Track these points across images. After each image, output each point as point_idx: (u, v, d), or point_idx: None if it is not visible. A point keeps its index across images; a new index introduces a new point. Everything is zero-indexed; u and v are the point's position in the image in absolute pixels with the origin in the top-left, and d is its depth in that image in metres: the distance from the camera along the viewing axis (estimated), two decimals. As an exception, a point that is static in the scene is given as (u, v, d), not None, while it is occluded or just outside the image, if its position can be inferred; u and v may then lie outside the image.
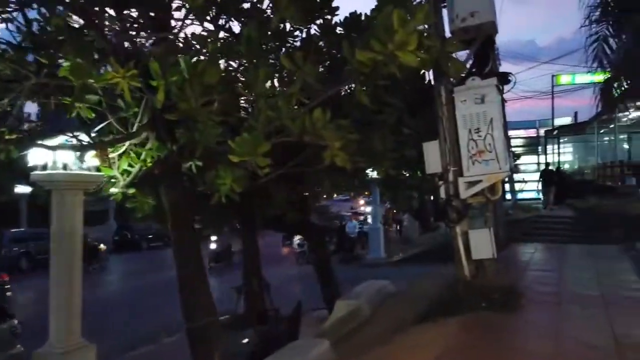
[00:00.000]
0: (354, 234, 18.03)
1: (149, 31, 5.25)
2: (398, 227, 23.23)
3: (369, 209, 24.89)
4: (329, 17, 5.63)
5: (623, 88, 16.53)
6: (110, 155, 5.29)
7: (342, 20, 5.49)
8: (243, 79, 4.74)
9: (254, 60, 4.49)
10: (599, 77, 28.33)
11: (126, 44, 4.94)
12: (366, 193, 22.84)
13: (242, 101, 5.35)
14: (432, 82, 5.58)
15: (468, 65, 5.06)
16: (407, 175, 8.51)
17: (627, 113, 19.62)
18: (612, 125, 23.89)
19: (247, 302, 8.52)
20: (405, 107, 5.97)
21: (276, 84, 5.39)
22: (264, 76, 4.15)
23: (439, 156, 5.07)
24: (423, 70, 5.72)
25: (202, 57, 4.48)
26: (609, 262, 6.57)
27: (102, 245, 20.88)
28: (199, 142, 4.35)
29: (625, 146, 25.93)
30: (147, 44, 5.26)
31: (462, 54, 5.15)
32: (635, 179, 14.68)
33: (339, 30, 5.49)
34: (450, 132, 5.01)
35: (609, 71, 8.52)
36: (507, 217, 15.04)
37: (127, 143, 5.23)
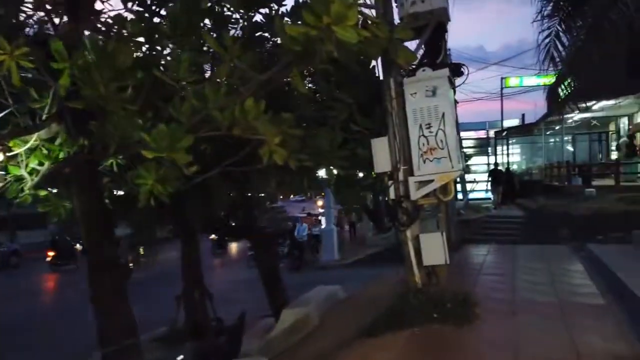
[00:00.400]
0: (303, 238, 17.43)
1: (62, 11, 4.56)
2: (352, 228, 22.95)
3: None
4: (274, 6, 5.19)
5: (570, 89, 16.98)
6: (17, 151, 4.55)
7: (289, 10, 5.06)
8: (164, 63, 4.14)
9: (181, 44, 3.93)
10: (546, 80, 29.32)
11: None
12: (323, 194, 22.49)
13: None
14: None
15: (419, 56, 4.68)
16: (361, 175, 8.16)
17: (572, 115, 20.23)
18: (557, 127, 24.66)
19: (187, 313, 7.86)
20: (356, 104, 5.56)
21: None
22: (187, 59, 3.58)
23: (388, 154, 4.67)
24: (373, 64, 5.35)
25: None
26: (561, 264, 6.42)
27: (78, 245, 20.82)
28: (113, 136, 3.73)
29: (570, 148, 26.91)
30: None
31: (412, 45, 4.79)
32: (582, 179, 15.00)
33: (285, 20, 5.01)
34: (400, 128, 4.61)
35: (559, 69, 8.44)
36: (458, 218, 15.04)
37: (34, 137, 4.51)
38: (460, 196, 20.59)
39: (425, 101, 4.39)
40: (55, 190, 5.33)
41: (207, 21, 4.82)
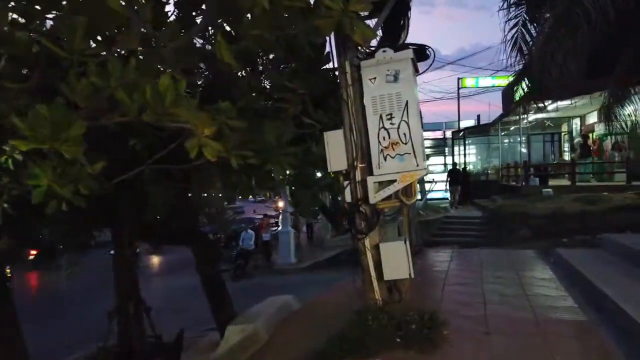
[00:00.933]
0: (250, 246, 16.32)
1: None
2: (309, 230, 22.25)
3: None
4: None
5: (527, 89, 17.03)
6: None
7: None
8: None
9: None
10: (501, 82, 29.69)
11: None
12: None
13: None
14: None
15: (378, 36, 4.03)
16: (319, 175, 7.48)
17: (527, 115, 20.41)
18: (512, 128, 24.95)
19: (120, 331, 6.93)
20: (310, 95, 4.88)
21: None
22: (84, 22, 2.77)
23: (343, 150, 3.99)
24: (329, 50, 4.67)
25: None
26: (531, 271, 5.98)
27: None
28: (-13, 123, 2.86)
29: (524, 150, 27.36)
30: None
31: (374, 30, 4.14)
32: (539, 179, 14.96)
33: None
34: (357, 120, 3.95)
35: (522, 67, 8.09)
36: (418, 219, 14.68)
37: None
38: (418, 196, 20.32)
39: (385, 87, 3.75)
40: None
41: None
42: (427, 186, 22.22)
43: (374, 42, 3.97)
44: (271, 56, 5.21)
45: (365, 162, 3.96)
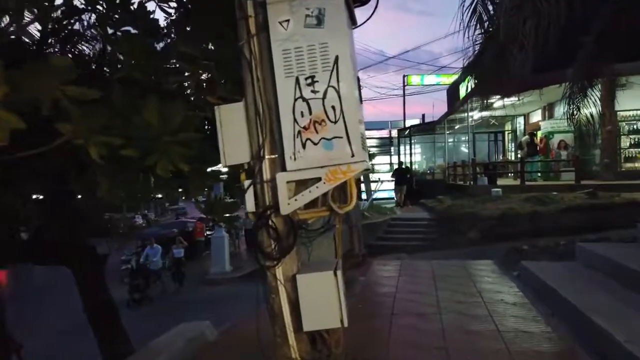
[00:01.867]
0: (157, 264, 13.97)
1: None
2: (247, 234, 20.62)
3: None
4: None
5: (473, 85, 16.44)
6: None
7: None
8: None
9: None
10: (445, 79, 29.44)
11: None
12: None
13: None
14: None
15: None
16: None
17: (472, 114, 19.96)
18: (458, 126, 24.60)
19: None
20: (214, 62, 3.50)
21: None
22: None
23: (244, 133, 2.63)
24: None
25: None
26: (497, 293, 4.85)
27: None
28: None
29: (465, 149, 27.19)
30: None
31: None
32: (487, 178, 14.28)
33: None
34: (265, 87, 2.59)
35: (478, 47, 7.10)
36: (363, 222, 13.59)
37: None
38: (364, 196, 19.44)
39: (304, 36, 2.43)
40: None
41: None
42: (373, 186, 21.30)
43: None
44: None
45: (278, 152, 2.61)
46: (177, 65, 3.80)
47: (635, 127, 13.86)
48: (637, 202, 11.20)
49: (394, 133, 32.41)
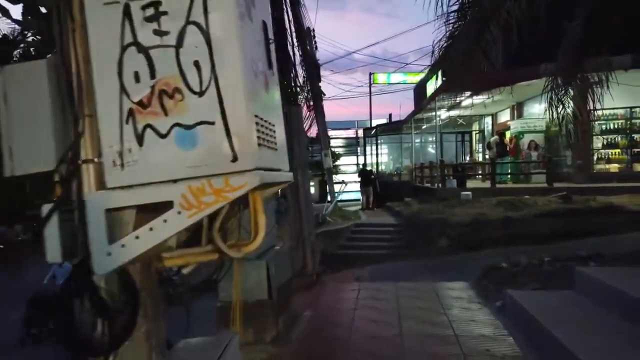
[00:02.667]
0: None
1: None
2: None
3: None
4: None
5: (440, 82, 15.60)
6: None
7: None
8: None
9: None
10: (413, 78, 28.72)
11: None
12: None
13: None
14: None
15: None
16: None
17: (439, 113, 19.19)
18: (425, 126, 23.85)
19: None
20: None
21: None
22: None
23: (47, 116, 1.43)
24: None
25: None
26: (481, 338, 3.76)
27: None
28: None
29: (431, 150, 26.55)
30: None
31: None
32: (456, 180, 13.39)
33: None
34: (80, 54, 1.39)
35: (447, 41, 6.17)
36: (322, 228, 12.46)
37: None
38: (329, 198, 18.33)
39: None
40: None
41: None
42: (337, 187, 20.22)
43: None
44: None
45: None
46: None
47: (608, 126, 13.24)
48: (614, 207, 10.49)
49: (361, 133, 31.50)
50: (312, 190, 35.16)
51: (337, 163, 34.47)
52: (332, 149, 27.02)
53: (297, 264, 6.46)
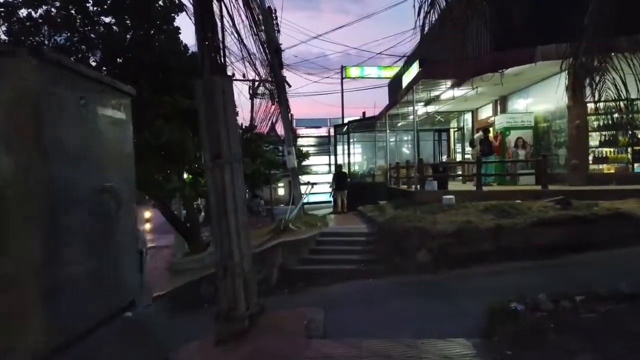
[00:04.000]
0: None
1: None
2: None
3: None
4: None
5: (419, 70, 13.87)
6: None
7: None
8: None
9: None
10: (387, 72, 27.09)
11: None
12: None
13: None
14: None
15: None
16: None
17: (416, 108, 17.53)
18: (400, 124, 22.19)
19: None
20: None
21: None
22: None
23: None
24: None
25: None
26: None
27: None
28: None
29: (407, 150, 24.96)
30: None
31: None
32: (437, 182, 11.66)
33: None
34: None
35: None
36: (283, 239, 10.54)
37: None
38: (305, 200, 16.41)
39: None
40: None
41: None
42: (303, 189, 18.29)
43: None
44: None
45: None
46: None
47: (606, 121, 11.71)
48: (622, 214, 8.92)
49: (333, 131, 29.73)
50: (282, 191, 33.00)
51: (306, 163, 32.66)
52: (301, 148, 25.14)
53: (223, 302, 4.52)
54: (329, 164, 32.97)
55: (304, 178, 25.12)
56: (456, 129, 21.25)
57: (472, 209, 10.20)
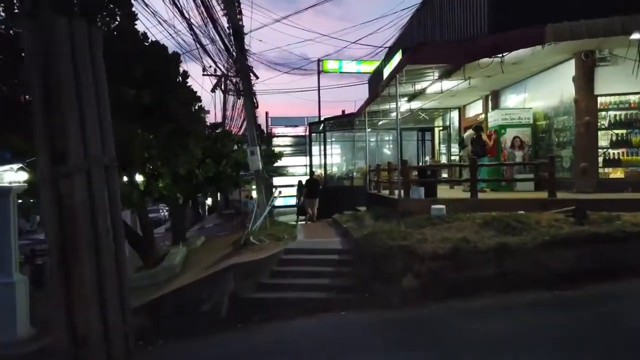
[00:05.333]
0: None
1: None
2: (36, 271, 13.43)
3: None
4: None
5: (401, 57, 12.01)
6: None
7: None
8: None
9: None
10: (367, 67, 25.33)
11: None
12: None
13: None
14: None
15: None
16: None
17: (400, 104, 15.79)
18: (381, 122, 20.45)
19: None
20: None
21: None
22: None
23: None
24: None
25: None
26: None
27: None
28: None
29: (388, 151, 23.24)
30: None
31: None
32: (424, 189, 9.86)
33: None
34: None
35: None
36: (229, 262, 8.58)
37: None
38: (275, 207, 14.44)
39: None
40: None
41: None
42: (275, 194, 16.33)
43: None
44: None
45: None
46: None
47: (619, 118, 10.10)
48: (654, 231, 7.23)
49: (308, 130, 27.81)
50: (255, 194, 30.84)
51: (281, 164, 30.68)
52: (274, 148, 23.16)
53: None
54: (306, 165, 31.09)
55: (280, 181, 23.20)
56: (441, 128, 19.57)
57: (468, 222, 8.42)
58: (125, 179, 13.29)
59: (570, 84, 10.28)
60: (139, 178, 14.72)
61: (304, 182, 16.52)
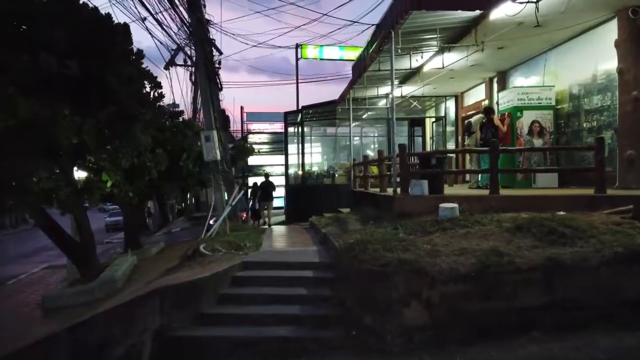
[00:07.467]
0: None
1: None
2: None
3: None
4: None
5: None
6: None
7: None
8: None
9: None
10: (350, 53, 23.07)
11: None
12: None
13: None
14: None
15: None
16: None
17: (387, 92, 13.53)
18: (366, 115, 18.19)
19: None
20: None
21: None
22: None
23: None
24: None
25: None
26: None
27: None
28: None
29: (375, 146, 21.00)
30: None
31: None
32: (428, 183, 7.51)
33: None
34: None
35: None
36: (158, 284, 6.12)
37: None
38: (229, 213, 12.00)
39: None
40: None
41: None
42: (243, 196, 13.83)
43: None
44: None
45: None
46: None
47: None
48: None
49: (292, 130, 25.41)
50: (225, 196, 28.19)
51: (257, 162, 28.26)
52: (246, 144, 20.67)
53: None
54: (285, 164, 28.70)
55: (256, 180, 20.75)
56: (434, 120, 17.34)
57: (493, 226, 6.11)
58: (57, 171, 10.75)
59: (608, 53, 8.13)
60: (82, 174, 12.15)
61: (259, 184, 14.17)
